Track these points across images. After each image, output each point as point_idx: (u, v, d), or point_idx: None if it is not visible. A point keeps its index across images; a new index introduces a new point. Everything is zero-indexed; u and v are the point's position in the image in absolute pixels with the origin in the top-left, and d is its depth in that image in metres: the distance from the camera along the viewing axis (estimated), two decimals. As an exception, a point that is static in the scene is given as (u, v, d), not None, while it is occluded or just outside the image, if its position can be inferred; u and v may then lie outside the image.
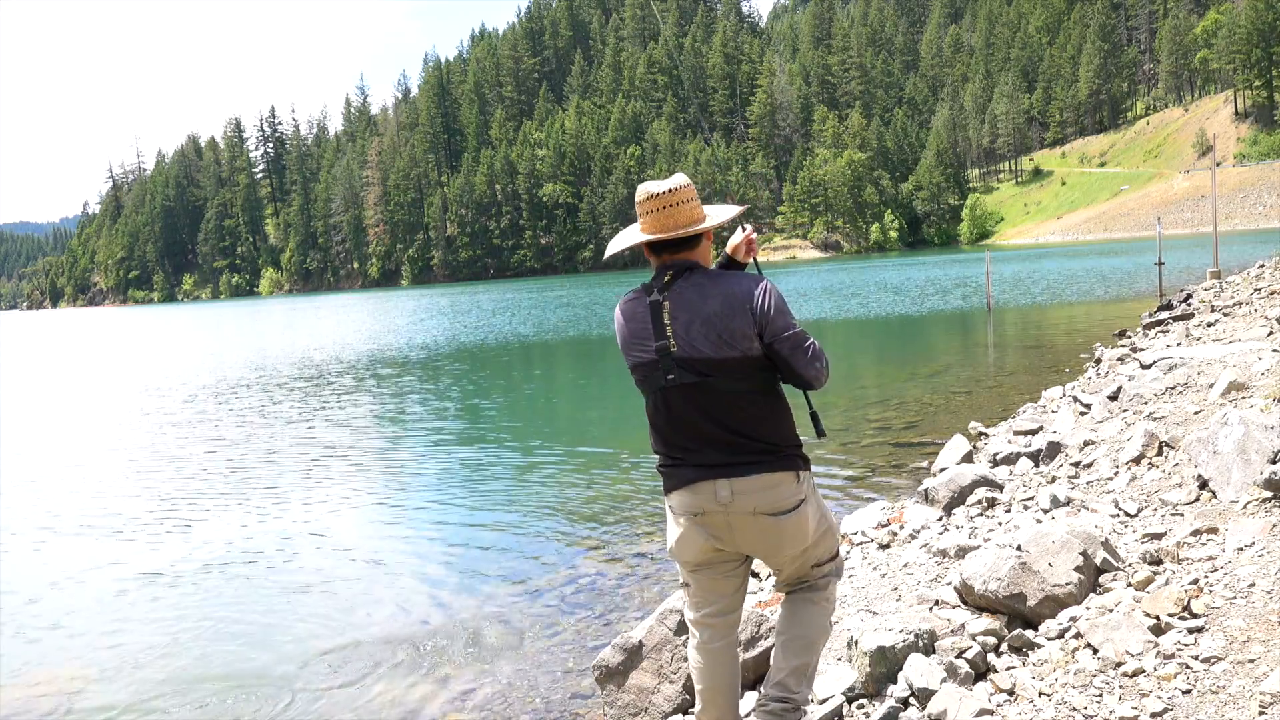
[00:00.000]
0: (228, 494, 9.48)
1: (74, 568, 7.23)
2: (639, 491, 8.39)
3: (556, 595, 5.90)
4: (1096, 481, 5.51)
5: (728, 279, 2.83)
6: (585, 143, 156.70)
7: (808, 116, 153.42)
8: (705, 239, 2.92)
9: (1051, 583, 3.73)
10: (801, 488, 2.81)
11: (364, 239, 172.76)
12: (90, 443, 13.69)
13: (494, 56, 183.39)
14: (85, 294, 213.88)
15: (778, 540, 2.82)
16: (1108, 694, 3.04)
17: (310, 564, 7.00)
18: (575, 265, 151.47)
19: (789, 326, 2.79)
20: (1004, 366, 15.05)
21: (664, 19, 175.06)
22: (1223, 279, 21.97)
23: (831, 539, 3.02)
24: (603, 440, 11.32)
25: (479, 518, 8.02)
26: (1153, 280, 27.02)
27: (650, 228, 2.87)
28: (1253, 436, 4.47)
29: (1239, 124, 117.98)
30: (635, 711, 3.86)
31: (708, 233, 2.90)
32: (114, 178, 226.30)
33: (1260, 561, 3.60)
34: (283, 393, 18.39)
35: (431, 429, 12.97)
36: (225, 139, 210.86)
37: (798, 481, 2.80)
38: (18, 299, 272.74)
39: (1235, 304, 14.80)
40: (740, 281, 2.82)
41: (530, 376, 20.15)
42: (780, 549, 2.86)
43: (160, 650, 5.47)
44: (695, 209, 2.87)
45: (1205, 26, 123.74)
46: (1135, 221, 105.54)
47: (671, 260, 2.89)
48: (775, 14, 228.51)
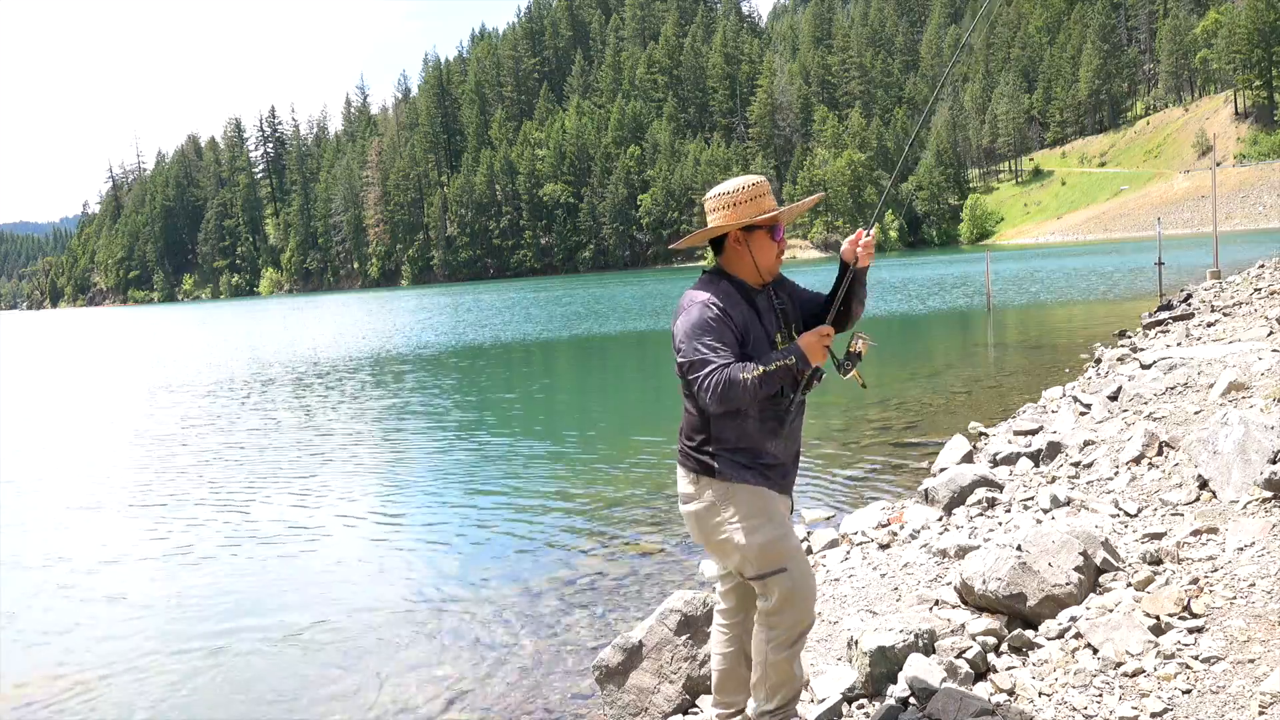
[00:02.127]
0: (227, 494, 9.48)
1: (74, 568, 7.23)
2: (639, 491, 8.39)
3: (556, 595, 5.89)
4: (1096, 481, 5.51)
5: (690, 289, 3.09)
6: (585, 143, 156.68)
7: (808, 116, 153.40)
8: (729, 242, 3.08)
9: (1051, 583, 3.73)
10: (698, 488, 3.07)
11: (364, 239, 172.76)
12: (91, 443, 13.68)
13: (494, 56, 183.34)
14: (85, 294, 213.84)
15: (689, 525, 3.18)
16: (1108, 694, 3.04)
17: (309, 563, 7.00)
18: (575, 265, 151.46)
19: (683, 352, 2.96)
20: (1004, 366, 15.04)
21: (664, 19, 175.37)
22: (1223, 279, 21.98)
23: (750, 564, 2.99)
24: (603, 440, 11.32)
25: (479, 518, 8.02)
26: (1153, 280, 27.02)
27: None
28: (1253, 436, 4.47)
29: (1239, 124, 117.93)
30: (635, 711, 3.86)
31: (727, 235, 3.08)
32: (114, 178, 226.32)
33: (1260, 561, 3.60)
34: (282, 392, 18.39)
35: (431, 429, 12.97)
36: (225, 139, 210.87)
37: (695, 482, 3.08)
38: (18, 299, 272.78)
39: (1235, 304, 14.81)
40: (687, 294, 3.06)
41: (530, 375, 20.15)
42: (695, 535, 3.19)
43: (159, 650, 5.47)
44: (717, 217, 3.06)
45: (1205, 26, 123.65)
46: (1135, 221, 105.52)
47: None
48: (775, 14, 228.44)
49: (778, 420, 3.05)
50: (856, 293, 3.12)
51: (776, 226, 3.08)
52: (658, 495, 8.14)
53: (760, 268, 3.05)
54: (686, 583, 5.86)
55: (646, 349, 23.83)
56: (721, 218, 3.03)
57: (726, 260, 3.09)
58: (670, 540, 6.82)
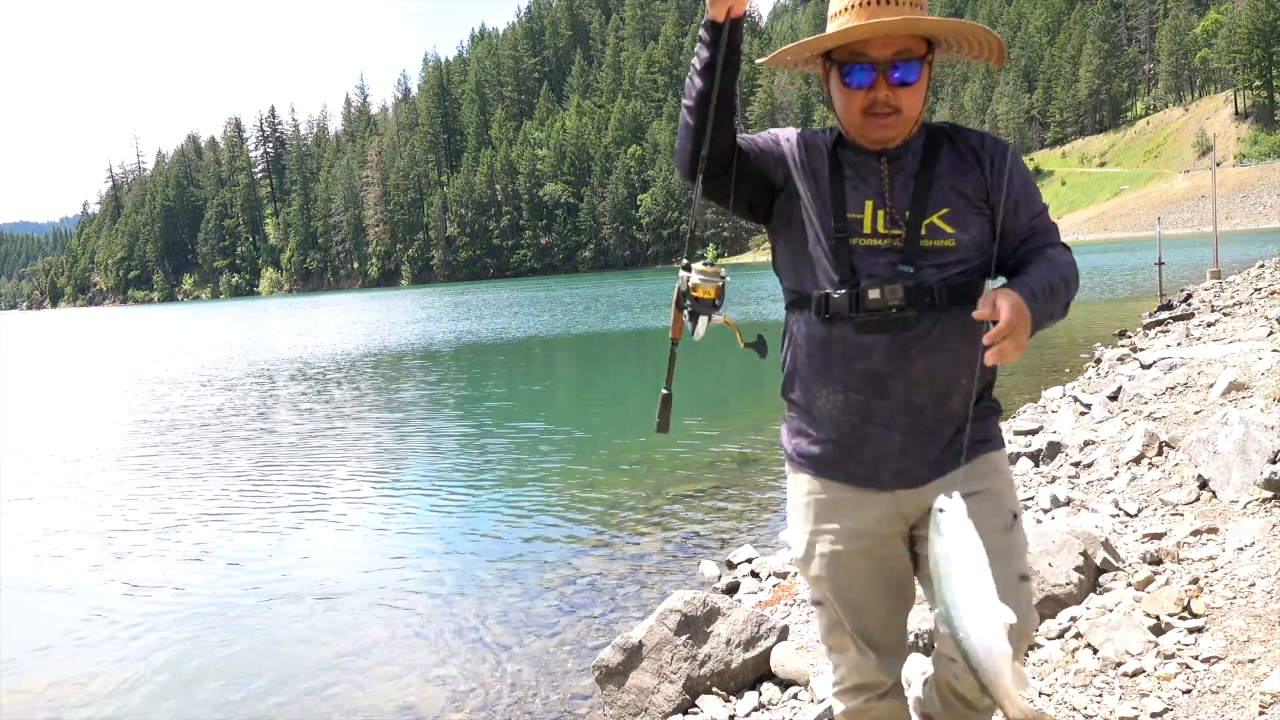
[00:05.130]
0: (226, 493, 9.47)
1: (73, 567, 7.23)
2: (639, 491, 8.38)
3: (556, 595, 5.89)
4: (1096, 481, 5.51)
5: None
6: (585, 143, 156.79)
7: (808, 117, 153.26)
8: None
9: (1051, 582, 3.73)
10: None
11: (364, 239, 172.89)
12: (91, 442, 13.68)
13: (494, 56, 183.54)
14: (85, 294, 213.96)
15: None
16: (1108, 694, 3.04)
17: (308, 563, 7.00)
18: (575, 265, 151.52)
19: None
20: (1004, 366, 14.97)
21: (664, 19, 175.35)
22: (1223, 279, 21.98)
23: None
24: (604, 440, 11.32)
25: (479, 518, 8.02)
26: (1153, 280, 27.01)
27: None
28: (1253, 436, 4.47)
29: (1239, 124, 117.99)
30: (635, 711, 3.86)
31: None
32: (114, 177, 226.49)
33: (1260, 561, 3.60)
34: (280, 392, 18.39)
35: (430, 428, 12.97)
36: (225, 139, 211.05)
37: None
38: (17, 299, 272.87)
39: (1235, 304, 14.81)
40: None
41: (530, 374, 20.15)
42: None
43: (157, 649, 5.47)
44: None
45: (1205, 26, 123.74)
46: (1135, 221, 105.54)
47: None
48: (775, 14, 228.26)
49: (822, 331, 2.09)
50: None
51: (855, 68, 2.06)
52: (658, 495, 8.14)
53: (842, 120, 2.12)
54: (686, 583, 5.86)
55: (647, 348, 23.83)
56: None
57: None
58: (670, 540, 6.82)
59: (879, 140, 2.08)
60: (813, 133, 2.21)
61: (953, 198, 2.08)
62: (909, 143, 2.11)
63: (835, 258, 2.08)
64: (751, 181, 2.15)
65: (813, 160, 2.15)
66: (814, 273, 2.11)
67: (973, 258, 2.08)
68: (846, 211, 2.08)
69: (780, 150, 2.18)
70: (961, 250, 2.07)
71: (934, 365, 2.06)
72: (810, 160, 2.15)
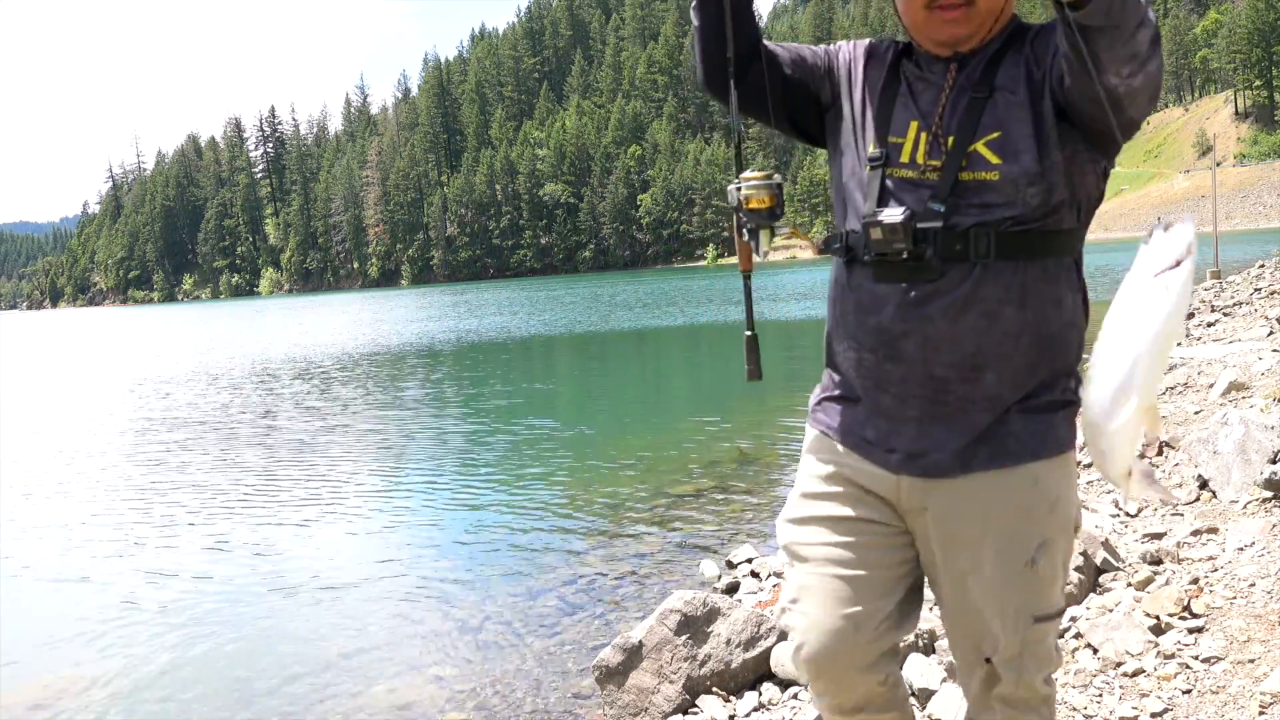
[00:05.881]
0: (226, 492, 9.47)
1: (72, 568, 7.23)
2: (639, 491, 8.38)
3: (556, 595, 5.89)
4: (1096, 481, 5.51)
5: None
6: (585, 143, 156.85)
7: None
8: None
9: (1051, 583, 3.73)
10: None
11: (364, 239, 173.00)
12: (93, 441, 13.68)
13: (494, 56, 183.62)
14: (85, 294, 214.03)
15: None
16: (1108, 694, 3.04)
17: (307, 562, 6.99)
18: (575, 265, 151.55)
19: None
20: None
21: (664, 19, 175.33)
22: (1223, 279, 21.97)
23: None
24: (603, 439, 11.32)
25: (478, 517, 8.02)
26: (1153, 280, 26.95)
27: None
28: (1253, 436, 4.48)
29: (1239, 124, 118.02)
30: (635, 712, 3.86)
31: None
32: (114, 177, 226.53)
33: (1260, 561, 3.60)
34: (280, 392, 18.39)
35: (431, 427, 12.97)
36: (225, 139, 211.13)
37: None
38: (17, 299, 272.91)
39: (1235, 304, 14.82)
40: None
41: (531, 374, 20.15)
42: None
43: (156, 648, 5.46)
44: None
45: (1205, 26, 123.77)
46: (1135, 221, 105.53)
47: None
48: (775, 14, 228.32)
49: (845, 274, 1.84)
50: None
51: None
52: (658, 495, 8.14)
53: (904, 19, 1.78)
54: (686, 583, 5.86)
55: (647, 347, 23.83)
56: None
57: None
58: (670, 540, 6.82)
59: (946, 41, 1.72)
60: (885, 42, 1.90)
61: (1009, 118, 1.67)
62: (988, 45, 1.73)
63: (866, 190, 1.78)
64: (792, 94, 1.90)
65: (870, 73, 1.84)
66: (845, 208, 1.85)
67: (1026, 200, 1.67)
68: (889, 135, 1.77)
69: (829, 62, 1.91)
70: (1006, 188, 1.66)
71: (961, 330, 1.67)
72: (868, 72, 1.85)
